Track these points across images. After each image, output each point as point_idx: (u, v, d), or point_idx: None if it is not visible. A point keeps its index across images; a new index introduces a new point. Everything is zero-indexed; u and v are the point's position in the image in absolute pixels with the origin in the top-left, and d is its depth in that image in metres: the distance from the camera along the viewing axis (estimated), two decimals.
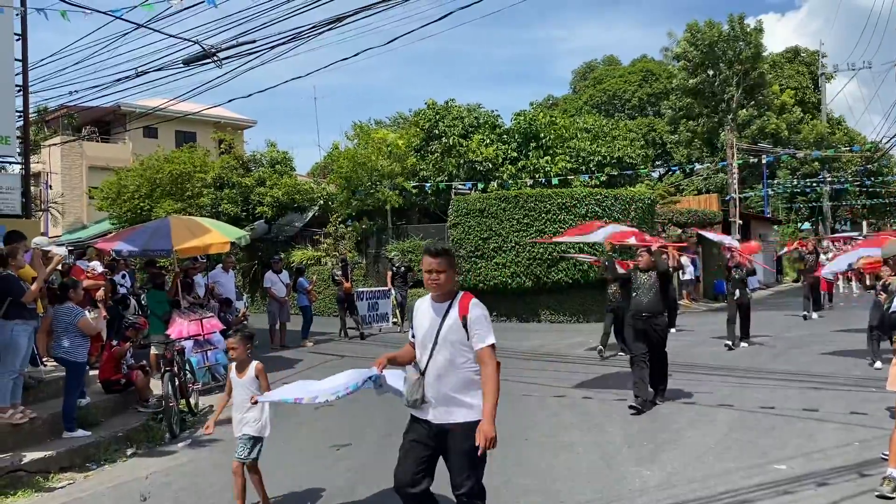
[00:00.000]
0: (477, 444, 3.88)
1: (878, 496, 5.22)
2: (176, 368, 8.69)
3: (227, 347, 5.82)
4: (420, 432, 4.16)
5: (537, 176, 22.02)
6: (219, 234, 11.22)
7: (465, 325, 3.93)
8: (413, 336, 4.23)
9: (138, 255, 12.38)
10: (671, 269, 9.48)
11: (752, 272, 13.91)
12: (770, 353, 12.20)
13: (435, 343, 4.01)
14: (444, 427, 4.05)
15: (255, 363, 5.65)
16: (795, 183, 38.05)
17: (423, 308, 4.16)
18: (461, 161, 22.06)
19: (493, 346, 3.95)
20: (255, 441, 5.51)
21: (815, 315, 16.99)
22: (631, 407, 8.14)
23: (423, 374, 4.07)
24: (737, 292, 13.11)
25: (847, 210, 43.86)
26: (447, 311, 4.01)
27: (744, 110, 37.52)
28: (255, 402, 5.40)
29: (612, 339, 12.22)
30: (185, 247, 10.68)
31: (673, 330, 14.32)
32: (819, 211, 40.96)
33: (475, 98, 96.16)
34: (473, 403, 3.97)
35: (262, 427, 5.53)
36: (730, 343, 12.79)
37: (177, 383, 8.57)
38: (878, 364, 10.08)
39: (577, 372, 10.93)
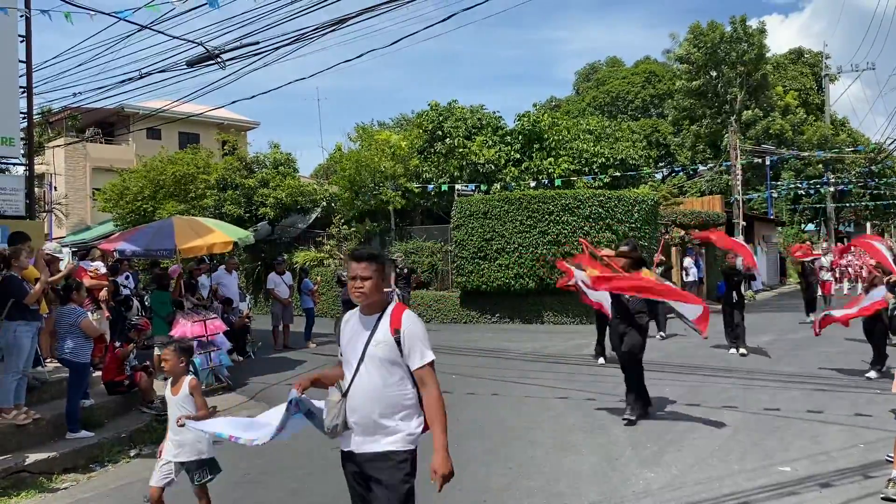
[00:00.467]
0: (432, 481, 3.44)
1: (883, 499, 5.20)
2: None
3: (159, 359, 5.27)
4: (348, 468, 3.64)
5: (540, 177, 22.02)
6: (222, 234, 11.22)
7: (397, 342, 3.44)
8: (341, 354, 3.70)
9: (141, 256, 12.36)
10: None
11: (752, 277, 13.59)
12: (774, 355, 12.17)
13: (360, 361, 3.50)
14: (367, 456, 3.51)
15: (189, 378, 5.16)
16: (799, 184, 37.99)
17: (351, 322, 3.65)
18: (464, 162, 22.07)
19: (433, 364, 3.50)
20: (200, 464, 5.00)
21: (809, 319, 16.36)
22: (625, 419, 7.80)
23: (345, 395, 3.53)
24: (733, 294, 12.80)
25: (851, 212, 43.79)
26: (376, 325, 3.51)
27: (747, 111, 37.48)
28: (181, 425, 4.83)
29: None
30: (189, 246, 10.67)
31: (661, 334, 14.27)
32: (823, 212, 40.88)
33: (478, 99, 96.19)
34: (402, 429, 3.51)
35: (201, 449, 4.98)
36: (743, 351, 12.33)
37: None
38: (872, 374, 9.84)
39: (580, 373, 10.92)
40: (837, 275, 14.89)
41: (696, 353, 12.55)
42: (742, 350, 12.30)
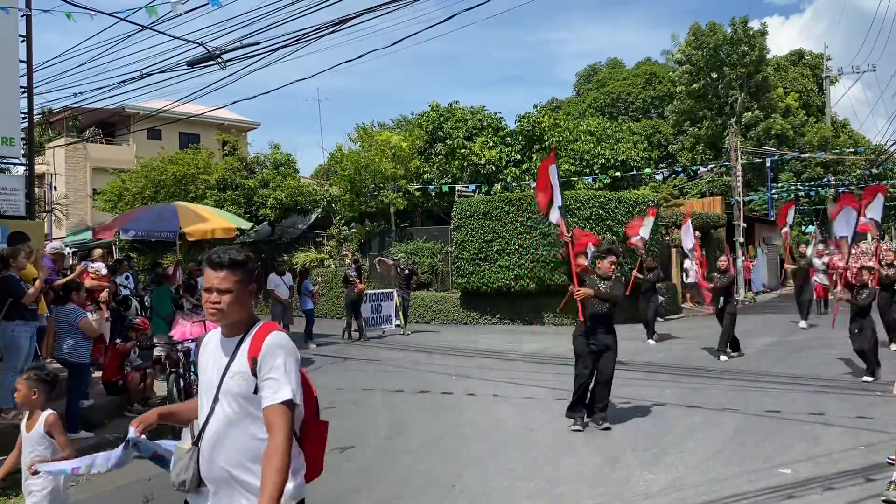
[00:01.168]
0: None
1: (884, 501, 5.18)
2: (182, 370, 8.66)
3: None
4: None
5: None
6: (224, 220, 11.20)
7: (254, 372, 2.67)
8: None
9: (144, 237, 12.28)
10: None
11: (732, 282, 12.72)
12: (775, 357, 12.16)
13: (215, 398, 2.73)
14: None
15: (46, 414, 4.22)
16: (799, 186, 37.97)
17: (210, 346, 2.88)
18: (465, 163, 22.07)
19: (289, 403, 2.63)
20: None
21: (802, 323, 15.78)
22: (605, 426, 7.62)
23: (196, 442, 2.79)
24: (720, 300, 12.20)
25: None
26: (235, 351, 2.74)
27: (748, 113, 37.46)
28: (35, 473, 3.97)
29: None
30: (193, 229, 10.64)
31: (651, 341, 14.10)
32: (823, 214, 40.85)
33: (479, 100, 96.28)
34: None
35: (52, 499, 4.12)
36: (734, 354, 12.13)
37: (181, 384, 8.54)
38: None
39: None
40: (834, 277, 14.40)
41: (696, 355, 12.53)
42: (723, 356, 11.87)
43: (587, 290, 7.67)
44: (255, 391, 2.66)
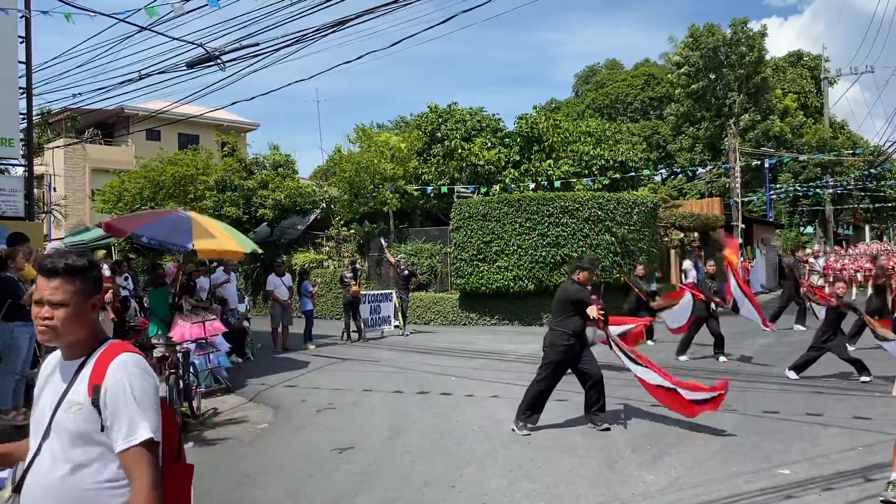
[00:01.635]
0: None
1: (882, 501, 5.20)
2: (181, 371, 8.67)
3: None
4: None
5: (539, 179, 22.04)
6: (234, 242, 11.17)
7: (96, 405, 2.19)
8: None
9: (155, 246, 12.25)
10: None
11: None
12: (774, 357, 12.16)
13: (45, 433, 2.26)
14: None
15: None
16: (798, 187, 38.06)
17: (50, 368, 2.39)
18: (463, 164, 22.08)
19: (151, 445, 2.20)
20: None
21: (799, 327, 15.34)
22: (604, 427, 7.65)
23: (17, 489, 2.29)
24: (713, 304, 12.06)
25: (850, 214, 43.85)
26: (74, 377, 2.27)
27: (745, 115, 37.52)
28: None
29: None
30: (203, 246, 10.61)
31: (651, 342, 14.00)
32: (822, 215, 40.93)
33: (478, 101, 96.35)
34: None
35: None
36: (723, 358, 11.93)
37: (181, 386, 8.55)
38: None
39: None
40: (831, 279, 13.78)
41: (694, 356, 12.52)
42: (722, 357, 11.99)
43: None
44: (102, 429, 2.19)
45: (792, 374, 10.10)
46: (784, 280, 16.30)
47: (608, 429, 7.59)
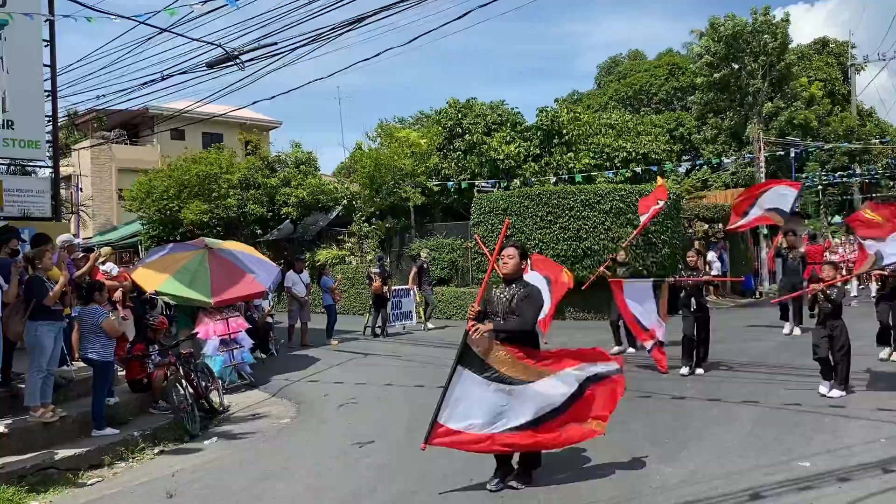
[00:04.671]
0: None
1: None
2: (182, 372, 8.76)
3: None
4: None
5: (560, 173, 21.96)
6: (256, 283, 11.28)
7: None
8: None
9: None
10: None
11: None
12: (797, 349, 12.03)
13: None
14: None
15: None
16: (824, 176, 37.51)
17: None
18: (483, 159, 22.07)
19: None
20: None
21: (797, 330, 13.32)
22: None
23: None
24: (692, 301, 10.29)
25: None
26: None
27: (768, 103, 37.02)
28: None
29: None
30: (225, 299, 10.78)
31: (632, 350, 12.00)
32: (850, 204, 40.31)
33: (499, 95, 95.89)
34: None
35: None
36: (685, 370, 10.07)
37: (185, 386, 8.61)
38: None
39: None
40: (844, 272, 12.17)
41: (716, 348, 12.38)
42: (699, 370, 10.19)
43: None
44: None
45: (884, 354, 9.94)
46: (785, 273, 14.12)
47: None
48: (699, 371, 10.14)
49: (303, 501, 5.72)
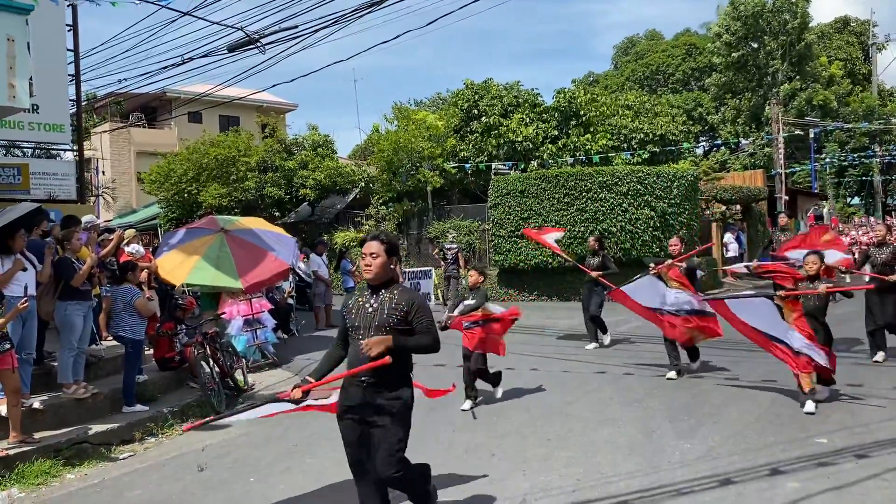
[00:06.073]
0: None
1: None
2: (209, 350, 8.93)
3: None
4: None
5: (578, 154, 21.94)
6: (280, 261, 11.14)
7: None
8: None
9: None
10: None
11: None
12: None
13: None
14: None
15: None
16: (844, 157, 37.18)
17: None
18: (501, 141, 22.08)
19: None
20: None
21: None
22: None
23: None
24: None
25: None
26: None
27: (785, 85, 36.66)
28: None
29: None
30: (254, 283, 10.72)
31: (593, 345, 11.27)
32: (869, 185, 39.95)
33: (515, 76, 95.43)
34: None
35: None
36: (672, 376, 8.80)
37: (212, 364, 8.78)
38: None
39: (617, 349, 11.01)
40: (857, 256, 11.27)
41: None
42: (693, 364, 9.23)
43: None
44: None
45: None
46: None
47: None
48: (693, 365, 9.26)
49: (330, 474, 5.89)
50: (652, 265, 9.26)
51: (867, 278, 9.90)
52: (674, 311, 8.82)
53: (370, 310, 4.27)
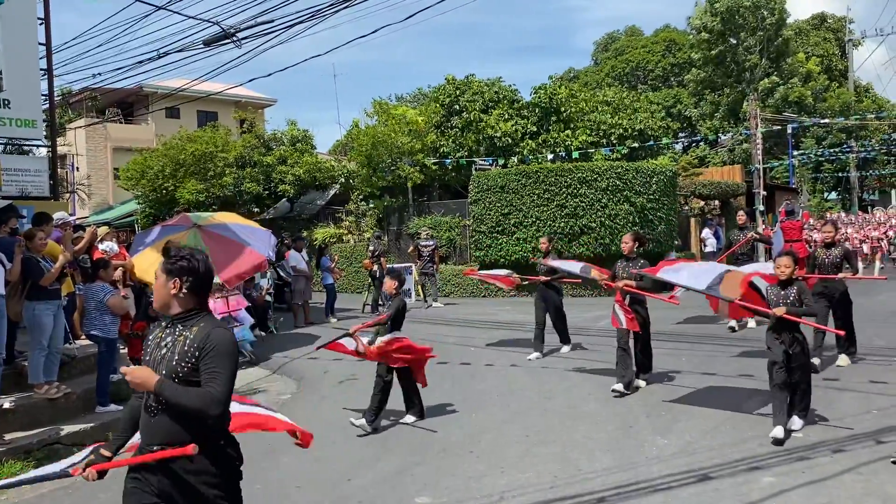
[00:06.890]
0: None
1: (893, 462, 5.28)
2: None
3: None
4: None
5: (557, 150, 21.97)
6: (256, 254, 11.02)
7: None
8: None
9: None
10: None
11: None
12: None
13: None
14: None
15: None
16: (821, 152, 37.58)
17: None
18: (481, 136, 22.06)
19: None
20: None
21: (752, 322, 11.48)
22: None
23: None
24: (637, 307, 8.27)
25: (875, 179, 43.23)
26: None
27: (764, 80, 36.95)
28: None
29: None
30: (231, 276, 10.59)
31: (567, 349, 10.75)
32: (846, 181, 40.41)
33: (496, 72, 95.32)
34: None
35: None
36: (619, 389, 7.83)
37: None
38: None
39: (596, 344, 11.01)
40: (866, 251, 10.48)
41: (712, 323, 12.53)
42: (640, 382, 8.28)
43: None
44: None
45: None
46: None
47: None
48: (640, 383, 8.35)
49: (308, 472, 5.84)
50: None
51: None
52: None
53: (164, 350, 3.07)
